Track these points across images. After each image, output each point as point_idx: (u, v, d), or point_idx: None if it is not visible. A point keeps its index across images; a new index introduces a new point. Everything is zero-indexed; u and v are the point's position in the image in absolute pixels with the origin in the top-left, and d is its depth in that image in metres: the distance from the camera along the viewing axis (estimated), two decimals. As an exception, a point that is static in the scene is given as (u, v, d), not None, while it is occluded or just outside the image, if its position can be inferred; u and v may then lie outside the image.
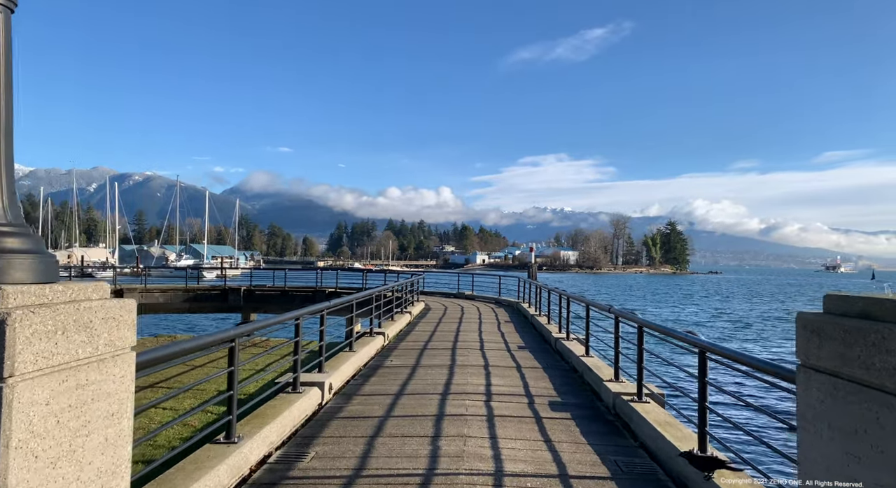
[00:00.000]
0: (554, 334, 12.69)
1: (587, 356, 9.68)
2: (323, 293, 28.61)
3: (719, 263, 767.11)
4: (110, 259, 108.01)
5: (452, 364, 9.96)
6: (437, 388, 8.06)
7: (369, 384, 8.41)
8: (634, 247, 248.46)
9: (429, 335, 13.85)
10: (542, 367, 9.89)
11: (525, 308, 20.12)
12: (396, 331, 14.03)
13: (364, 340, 11.07)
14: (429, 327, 15.48)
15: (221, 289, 29.31)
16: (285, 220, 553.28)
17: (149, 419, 8.68)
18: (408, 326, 15.64)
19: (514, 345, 12.42)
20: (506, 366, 9.93)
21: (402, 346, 12.05)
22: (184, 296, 28.87)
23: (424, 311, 20.04)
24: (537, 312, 17.57)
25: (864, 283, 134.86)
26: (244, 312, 30.32)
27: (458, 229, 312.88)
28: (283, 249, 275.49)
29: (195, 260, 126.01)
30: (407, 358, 10.61)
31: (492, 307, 22.57)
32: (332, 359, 8.86)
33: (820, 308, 2.50)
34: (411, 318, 17.15)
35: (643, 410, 6.21)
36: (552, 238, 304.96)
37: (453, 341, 12.82)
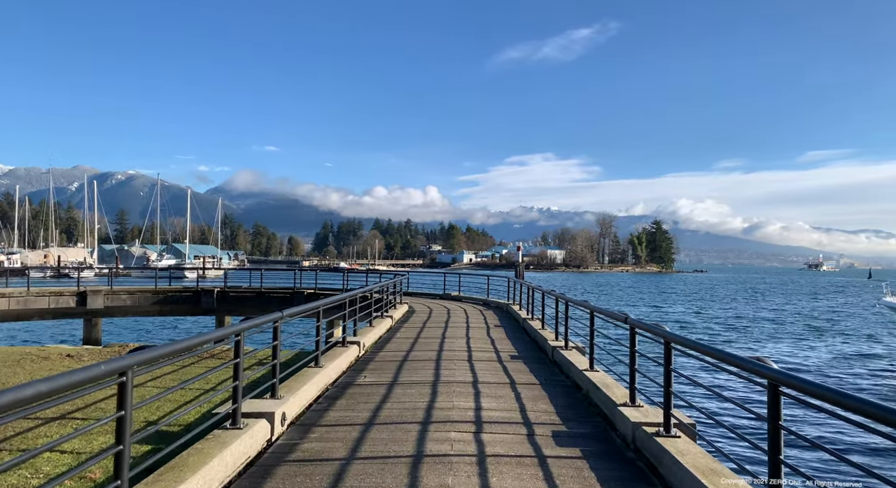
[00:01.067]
0: (550, 342, 11.35)
1: (591, 370, 8.35)
2: (301, 294, 27.09)
3: (703, 262, 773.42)
4: (88, 259, 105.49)
5: (436, 380, 8.57)
6: (416, 415, 6.67)
7: (335, 409, 6.99)
8: (620, 245, 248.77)
9: (411, 343, 12.45)
10: (540, 383, 8.54)
11: (515, 310, 18.79)
12: (374, 338, 12.61)
13: (335, 352, 9.65)
14: (411, 333, 14.08)
15: (194, 290, 27.65)
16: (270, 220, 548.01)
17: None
18: (388, 332, 14.23)
19: (505, 355, 11.06)
20: (498, 382, 8.56)
21: (379, 358, 10.64)
22: (153, 298, 27.16)
23: (408, 314, 18.64)
24: (529, 316, 16.24)
25: (860, 282, 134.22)
26: (218, 315, 28.70)
27: (445, 228, 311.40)
28: (268, 249, 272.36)
29: (177, 260, 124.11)
30: (384, 372, 9.20)
31: (480, 309, 21.22)
32: (292, 379, 7.44)
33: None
34: (393, 323, 15.74)
35: (676, 450, 4.87)
36: (539, 237, 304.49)
37: (438, 350, 11.44)
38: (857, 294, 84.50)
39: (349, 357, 9.88)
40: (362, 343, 10.97)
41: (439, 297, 26.55)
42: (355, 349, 10.42)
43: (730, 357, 4.06)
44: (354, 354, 10.32)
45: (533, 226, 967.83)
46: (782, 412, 3.56)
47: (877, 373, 22.30)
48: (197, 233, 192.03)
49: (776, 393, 3.54)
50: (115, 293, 26.72)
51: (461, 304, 23.27)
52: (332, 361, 8.82)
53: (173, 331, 32.60)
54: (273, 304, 27.26)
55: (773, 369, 3.59)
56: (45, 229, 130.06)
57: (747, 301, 65.22)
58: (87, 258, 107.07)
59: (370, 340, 12.05)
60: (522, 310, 18.26)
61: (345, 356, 9.58)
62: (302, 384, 7.21)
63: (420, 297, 26.43)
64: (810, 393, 3.22)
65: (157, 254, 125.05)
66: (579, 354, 9.92)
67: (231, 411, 5.42)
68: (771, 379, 3.56)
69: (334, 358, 9.15)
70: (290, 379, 7.43)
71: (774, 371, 3.55)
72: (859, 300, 68.21)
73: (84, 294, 25.77)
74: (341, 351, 9.81)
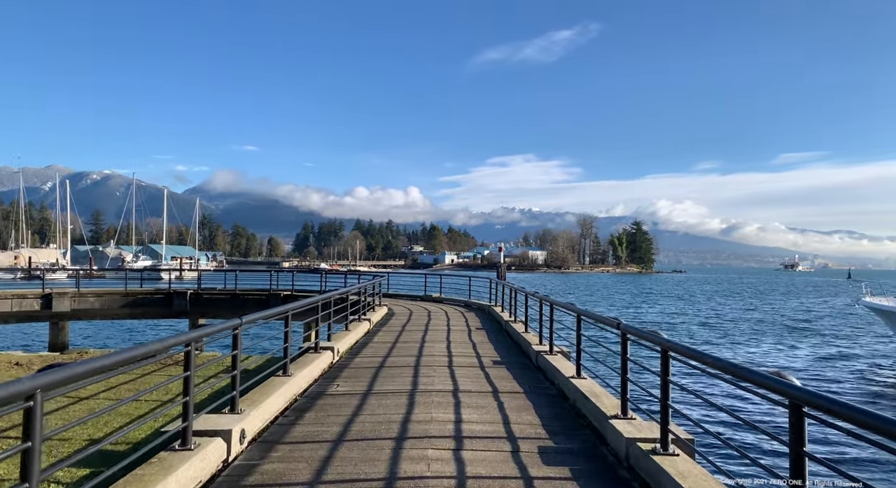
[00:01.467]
0: (534, 346, 10.88)
1: (579, 378, 7.87)
2: (278, 296, 26.35)
3: (682, 262, 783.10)
4: (61, 260, 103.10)
5: (414, 389, 8.03)
6: (391, 429, 6.13)
7: (303, 423, 6.42)
8: (601, 246, 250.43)
9: (388, 347, 11.88)
10: (525, 392, 8.04)
11: (498, 312, 18.32)
12: (350, 343, 12.02)
13: (306, 359, 9.06)
14: (389, 337, 13.52)
15: (166, 292, 26.72)
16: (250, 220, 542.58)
17: None
18: (366, 336, 13.65)
19: (487, 360, 10.56)
20: (479, 390, 8.05)
21: (354, 364, 10.06)
22: (123, 300, 26.19)
23: (387, 317, 18.06)
24: (512, 318, 15.77)
25: (836, 282, 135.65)
26: (191, 317, 27.81)
27: (427, 229, 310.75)
28: (248, 250, 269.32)
29: (153, 261, 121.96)
30: (358, 381, 8.63)
31: (461, 311, 20.72)
32: (256, 390, 6.84)
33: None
34: (370, 326, 15.15)
35: (676, 471, 4.40)
36: (520, 238, 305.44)
37: (417, 355, 10.90)
38: (836, 294, 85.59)
39: (322, 364, 9.30)
40: (336, 348, 10.38)
41: (420, 299, 26.01)
42: (329, 355, 9.84)
43: (745, 372, 3.58)
44: (328, 361, 9.73)
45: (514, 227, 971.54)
46: (806, 435, 3.10)
47: (862, 376, 22.27)
48: (175, 234, 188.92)
49: (800, 413, 3.07)
50: (82, 295, 25.70)
51: (442, 306, 22.75)
52: (302, 369, 8.24)
53: (141, 335, 31.56)
54: (248, 306, 26.50)
55: (797, 387, 3.12)
56: (17, 230, 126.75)
57: (730, 301, 65.64)
58: (60, 259, 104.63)
59: (345, 345, 11.46)
60: (505, 312, 17.80)
61: (317, 363, 8.99)
62: (267, 396, 6.63)
63: (400, 299, 25.86)
64: (838, 416, 2.76)
65: (133, 255, 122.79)
66: (565, 360, 9.46)
67: (181, 430, 4.83)
68: (793, 397, 3.08)
69: (305, 365, 8.56)
70: (253, 390, 6.84)
71: (798, 389, 3.08)
72: (840, 300, 69.08)
73: (49, 296, 24.74)
74: (313, 357, 9.22)
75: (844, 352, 27.48)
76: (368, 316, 15.88)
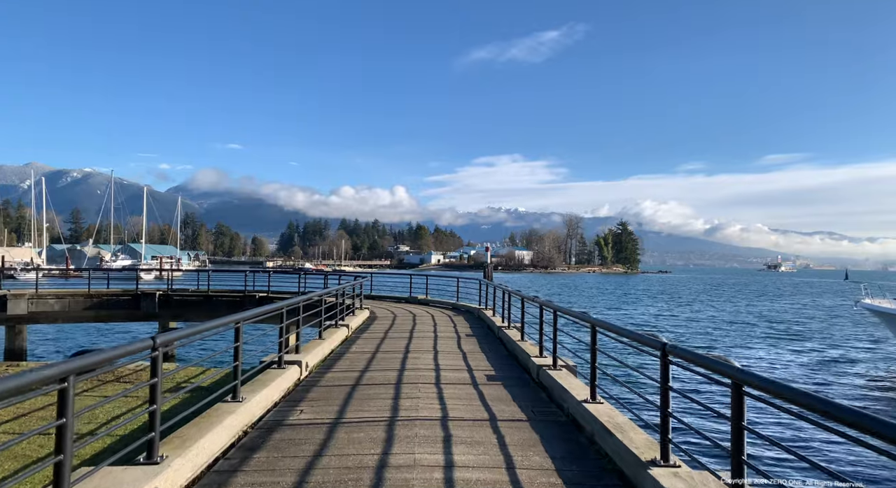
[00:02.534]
0: (534, 359, 9.48)
1: (594, 402, 6.48)
2: (253, 298, 24.75)
3: (666, 263, 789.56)
4: (36, 259, 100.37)
5: (394, 416, 6.60)
6: (361, 479, 4.68)
7: (248, 469, 4.94)
8: (587, 246, 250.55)
9: (367, 359, 10.43)
10: (528, 419, 6.64)
11: (488, 316, 16.93)
12: (323, 355, 10.55)
13: (266, 377, 7.59)
14: (369, 345, 12.06)
15: (133, 294, 24.96)
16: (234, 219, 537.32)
17: None
18: (342, 345, 12.18)
19: (481, 375, 9.15)
20: (474, 418, 6.63)
21: (326, 380, 8.60)
22: (86, 302, 24.40)
23: (368, 322, 16.59)
24: (505, 324, 14.37)
25: (836, 284, 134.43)
26: (161, 320, 26.07)
27: (413, 229, 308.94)
28: (231, 249, 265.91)
29: (132, 260, 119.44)
30: (327, 404, 7.18)
31: (449, 315, 19.30)
32: (191, 424, 5.37)
33: None
34: (349, 333, 13.68)
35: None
36: (507, 238, 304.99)
37: (399, 369, 9.47)
38: (836, 295, 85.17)
39: (285, 382, 7.82)
40: (305, 362, 8.91)
41: (405, 301, 24.57)
42: (294, 371, 8.37)
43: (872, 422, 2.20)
44: (293, 378, 8.26)
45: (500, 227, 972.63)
46: None
47: (867, 379, 21.22)
48: (157, 233, 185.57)
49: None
50: (41, 297, 23.88)
51: (428, 309, 21.33)
52: (259, 391, 6.77)
53: (103, 338, 29.69)
54: (222, 308, 24.86)
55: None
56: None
57: (723, 302, 64.79)
58: (35, 258, 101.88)
59: (317, 357, 9.98)
60: (497, 317, 16.41)
61: (279, 382, 7.52)
62: (204, 431, 5.16)
63: (384, 301, 24.40)
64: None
65: (112, 255, 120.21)
66: (572, 377, 8.07)
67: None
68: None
69: (263, 385, 7.09)
70: (187, 424, 5.37)
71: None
72: (837, 302, 68.60)
73: (4, 298, 22.92)
74: (275, 375, 7.75)
75: (847, 355, 26.49)
76: (347, 321, 14.40)
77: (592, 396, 6.59)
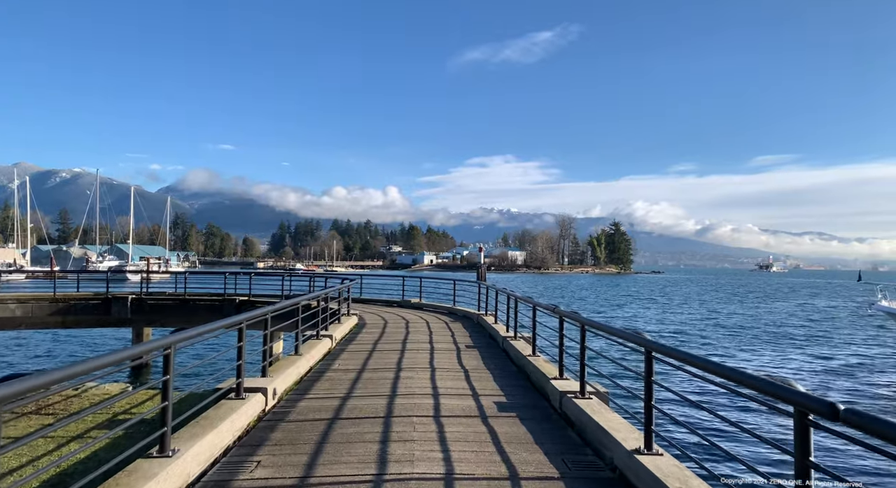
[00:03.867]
0: (554, 382, 7.73)
1: (650, 452, 4.80)
2: (232, 302, 22.91)
3: (658, 263, 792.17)
4: (20, 260, 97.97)
5: (381, 474, 4.89)
6: None
7: None
8: (580, 247, 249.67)
9: (351, 381, 8.71)
10: (562, 477, 4.93)
11: (489, 323, 15.23)
12: (297, 375, 8.80)
13: (218, 413, 5.85)
14: (355, 361, 10.34)
15: (103, 297, 23.05)
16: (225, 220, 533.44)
17: None
18: (323, 361, 10.45)
19: (489, 404, 7.44)
20: (490, 476, 4.90)
21: (295, 414, 6.85)
22: (51, 307, 22.47)
23: (355, 331, 14.86)
24: (511, 334, 12.66)
25: (851, 285, 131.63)
26: (135, 326, 24.21)
27: (406, 229, 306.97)
28: (222, 250, 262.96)
29: (119, 261, 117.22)
30: (292, 454, 5.44)
31: (445, 321, 17.57)
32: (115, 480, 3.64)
33: None
34: (332, 345, 11.94)
35: None
36: (499, 238, 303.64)
37: (389, 395, 7.75)
38: (849, 297, 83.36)
39: (241, 420, 6.09)
40: (272, 389, 7.17)
41: (397, 305, 22.84)
42: (257, 402, 6.63)
43: None
44: (254, 412, 6.53)
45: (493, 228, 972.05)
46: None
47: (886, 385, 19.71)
48: (146, 234, 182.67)
49: None
50: (2, 301, 21.96)
51: (422, 314, 19.62)
52: (201, 437, 5.05)
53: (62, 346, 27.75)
54: (200, 313, 23.06)
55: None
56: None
57: (730, 306, 62.76)
58: (19, 259, 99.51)
59: (289, 380, 8.25)
60: (499, 325, 14.72)
61: (232, 420, 5.79)
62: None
63: (374, 305, 22.68)
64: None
65: (99, 255, 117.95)
66: (607, 410, 6.34)
67: None
68: None
69: (209, 427, 5.36)
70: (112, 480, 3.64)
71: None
72: (854, 304, 67.13)
73: (-41, 303, 20.98)
74: (229, 409, 6.01)
75: (866, 361, 25.02)
76: (331, 330, 12.64)
77: (648, 445, 4.90)
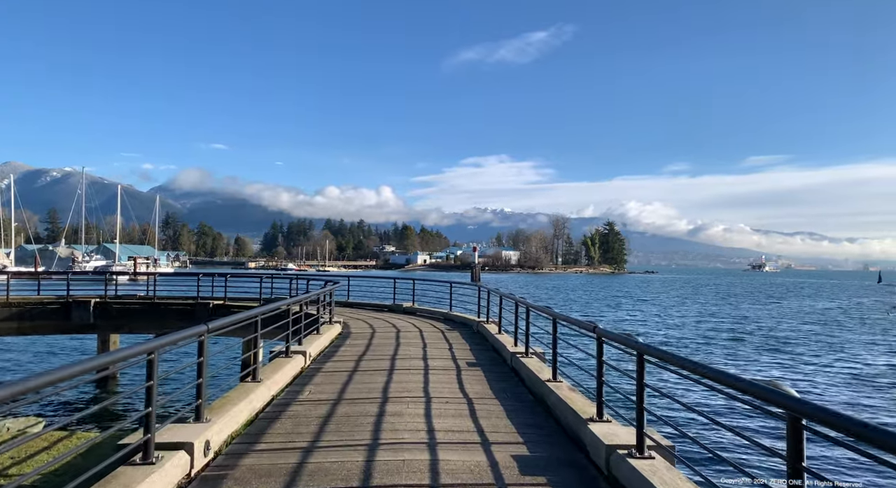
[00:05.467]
0: (596, 429, 5.71)
1: None
2: (206, 307, 20.83)
3: (651, 263, 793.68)
4: (3, 260, 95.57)
5: None
6: None
7: None
8: (574, 247, 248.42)
9: (321, 419, 6.65)
10: None
11: (491, 333, 13.22)
12: (249, 414, 6.68)
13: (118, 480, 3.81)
14: (331, 388, 8.29)
15: (63, 302, 20.92)
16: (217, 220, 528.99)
17: None
18: (291, 387, 8.38)
19: (506, 460, 5.41)
20: None
21: (241, 471, 4.82)
22: (3, 312, 20.34)
23: (337, 342, 12.81)
24: (522, 349, 10.60)
25: (871, 286, 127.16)
26: (101, 332, 22.09)
27: (399, 229, 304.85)
28: (214, 250, 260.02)
29: (106, 261, 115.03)
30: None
31: (441, 330, 15.53)
32: None
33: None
34: (306, 364, 9.88)
35: None
36: (493, 238, 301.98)
37: (369, 445, 5.72)
38: (864, 297, 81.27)
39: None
40: (201, 444, 5.09)
41: (388, 310, 20.81)
42: (175, 467, 4.58)
43: None
44: (168, 482, 4.48)
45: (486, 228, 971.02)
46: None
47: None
48: (137, 233, 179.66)
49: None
50: (-54, 306, 19.80)
51: (415, 321, 17.59)
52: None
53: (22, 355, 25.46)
54: (170, 318, 20.98)
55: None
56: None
57: (741, 307, 60.44)
58: (3, 259, 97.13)
59: (234, 423, 6.16)
60: (505, 335, 12.71)
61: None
62: None
63: (363, 310, 20.63)
64: None
65: (84, 255, 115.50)
66: (667, 469, 4.36)
67: None
68: None
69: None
70: None
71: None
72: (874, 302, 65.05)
73: None
74: (130, 479, 3.97)
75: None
76: (306, 345, 10.58)
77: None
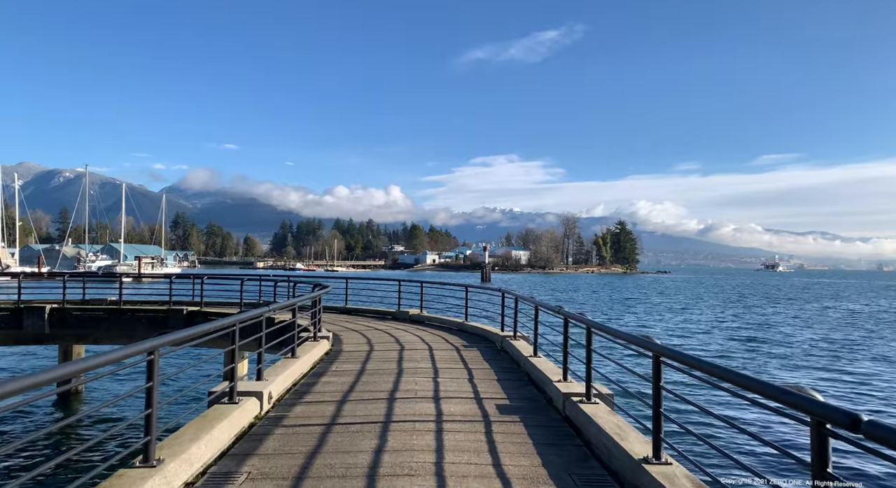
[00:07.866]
0: None
1: None
2: (179, 313, 17.85)
3: (661, 263, 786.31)
4: (7, 260, 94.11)
5: None
6: None
7: None
8: (584, 246, 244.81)
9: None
10: None
11: (523, 355, 10.08)
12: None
13: None
14: (289, 464, 5.21)
15: (12, 307, 18.04)
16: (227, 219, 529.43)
17: None
18: (223, 462, 5.32)
19: None
20: None
21: None
22: (-56, 320, 17.50)
23: (320, 367, 9.71)
24: (574, 386, 7.42)
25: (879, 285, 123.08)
26: (62, 342, 19.20)
27: (408, 229, 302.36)
28: (223, 249, 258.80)
29: (112, 260, 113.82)
30: None
31: (456, 348, 12.36)
32: None
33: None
34: (261, 412, 6.79)
35: None
36: (503, 238, 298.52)
37: None
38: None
39: None
40: None
41: (391, 318, 17.73)
42: None
43: None
44: None
45: (495, 227, 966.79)
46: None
47: None
48: (146, 233, 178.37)
49: None
50: None
51: (423, 333, 14.48)
52: None
53: None
54: (139, 326, 18.05)
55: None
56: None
57: (786, 310, 56.04)
58: (7, 259, 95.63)
59: None
60: (542, 359, 9.55)
61: None
62: None
63: (363, 318, 17.58)
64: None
65: (92, 254, 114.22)
66: None
67: None
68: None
69: None
70: None
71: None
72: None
73: None
74: None
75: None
76: (264, 383, 7.46)
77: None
